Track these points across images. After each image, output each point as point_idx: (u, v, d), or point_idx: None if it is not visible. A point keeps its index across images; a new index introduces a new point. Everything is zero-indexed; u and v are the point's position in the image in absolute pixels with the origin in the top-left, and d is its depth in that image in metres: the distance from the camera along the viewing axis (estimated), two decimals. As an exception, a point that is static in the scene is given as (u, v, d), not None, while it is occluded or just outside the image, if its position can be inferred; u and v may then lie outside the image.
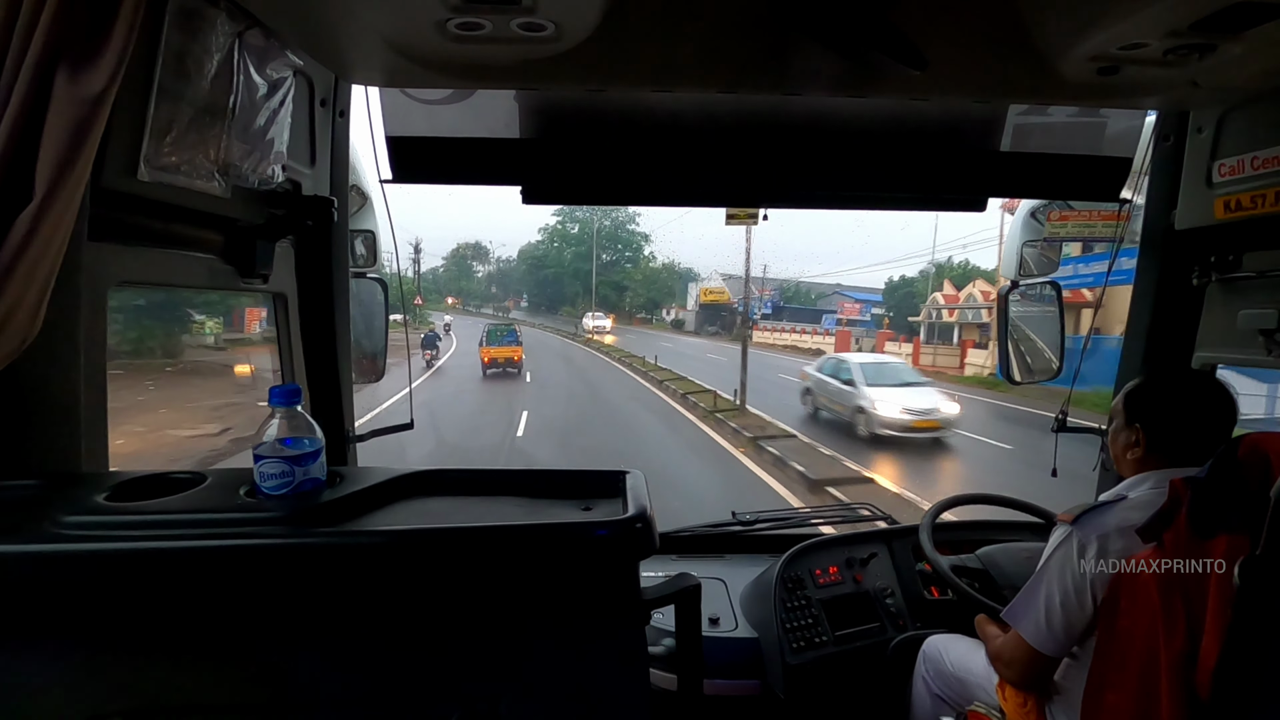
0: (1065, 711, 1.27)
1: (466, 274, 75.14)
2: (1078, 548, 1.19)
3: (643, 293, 55.72)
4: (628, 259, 60.21)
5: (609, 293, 56.62)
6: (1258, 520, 0.94)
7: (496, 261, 75.10)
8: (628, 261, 59.91)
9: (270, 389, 0.77)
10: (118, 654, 0.71)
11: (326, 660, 0.75)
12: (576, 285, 58.87)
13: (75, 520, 0.71)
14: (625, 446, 10.65)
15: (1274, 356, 1.42)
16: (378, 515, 0.80)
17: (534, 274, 64.73)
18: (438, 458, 8.84)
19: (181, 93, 0.99)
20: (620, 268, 59.19)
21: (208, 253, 1.24)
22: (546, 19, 1.07)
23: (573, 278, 59.71)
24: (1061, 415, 1.83)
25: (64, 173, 0.73)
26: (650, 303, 56.09)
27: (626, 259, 60.29)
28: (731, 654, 1.71)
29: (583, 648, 0.78)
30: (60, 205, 0.74)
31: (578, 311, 54.27)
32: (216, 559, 0.71)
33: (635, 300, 57.42)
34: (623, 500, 0.83)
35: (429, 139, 1.61)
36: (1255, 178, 1.40)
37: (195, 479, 0.83)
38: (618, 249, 60.47)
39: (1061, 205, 1.98)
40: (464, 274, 74.80)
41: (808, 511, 2.56)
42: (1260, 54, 1.14)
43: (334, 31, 1.22)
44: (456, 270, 74.44)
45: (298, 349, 1.53)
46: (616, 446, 10.66)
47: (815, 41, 1.11)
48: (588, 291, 55.16)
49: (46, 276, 0.76)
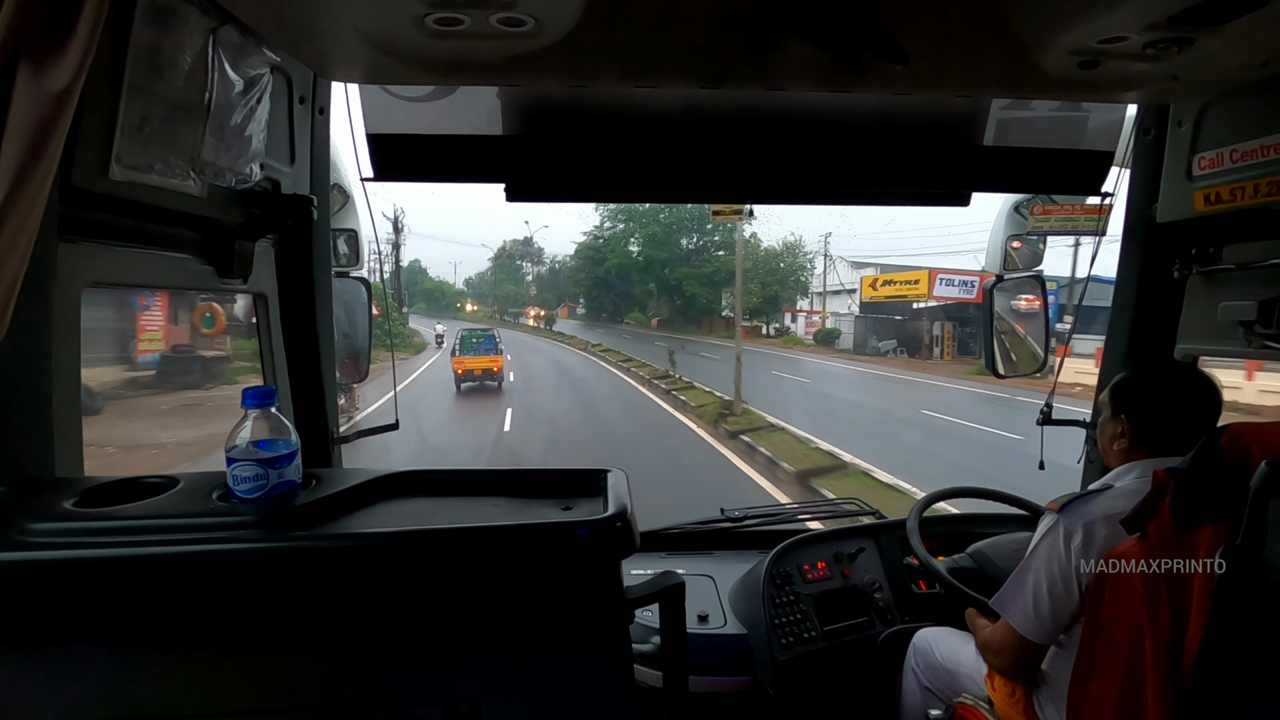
0: (1052, 700, 1.28)
1: (514, 276, 61.89)
2: (1064, 536, 1.21)
3: (755, 290, 33.93)
4: (718, 243, 40.92)
5: (698, 290, 38.82)
6: (1239, 510, 0.95)
7: (551, 262, 58.94)
8: (719, 248, 40.77)
9: (244, 390, 0.76)
10: (84, 664, 0.70)
11: (306, 665, 0.74)
12: (648, 282, 42.51)
13: (41, 527, 0.70)
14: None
15: (1254, 348, 1.43)
16: (355, 518, 0.79)
17: (591, 272, 47.11)
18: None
19: (153, 90, 0.98)
20: (709, 256, 40.83)
21: (185, 253, 1.22)
22: (526, 14, 1.06)
23: (643, 272, 42.53)
24: (1047, 408, 1.84)
25: (28, 172, 0.71)
26: (766, 303, 36.45)
27: (717, 244, 41.10)
28: (721, 651, 1.71)
29: (565, 647, 0.77)
30: (25, 205, 0.72)
31: (650, 319, 43.07)
32: (187, 565, 0.70)
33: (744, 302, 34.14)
34: (603, 499, 0.83)
35: (410, 136, 1.59)
36: (1234, 170, 1.41)
37: (167, 483, 0.81)
38: (705, 230, 40.68)
39: (1045, 199, 1.99)
40: (510, 276, 61.93)
41: (795, 507, 2.56)
42: (1238, 47, 1.15)
43: (311, 28, 1.20)
44: (502, 273, 61.98)
45: (279, 350, 1.51)
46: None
47: (797, 36, 1.11)
48: (667, 291, 40.65)
49: (12, 278, 0.74)
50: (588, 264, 46.84)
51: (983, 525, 1.93)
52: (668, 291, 40.90)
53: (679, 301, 41.18)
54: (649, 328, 42.63)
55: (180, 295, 10.00)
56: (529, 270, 60.02)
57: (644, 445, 10.72)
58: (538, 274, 59.04)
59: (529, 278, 59.45)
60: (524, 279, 60.44)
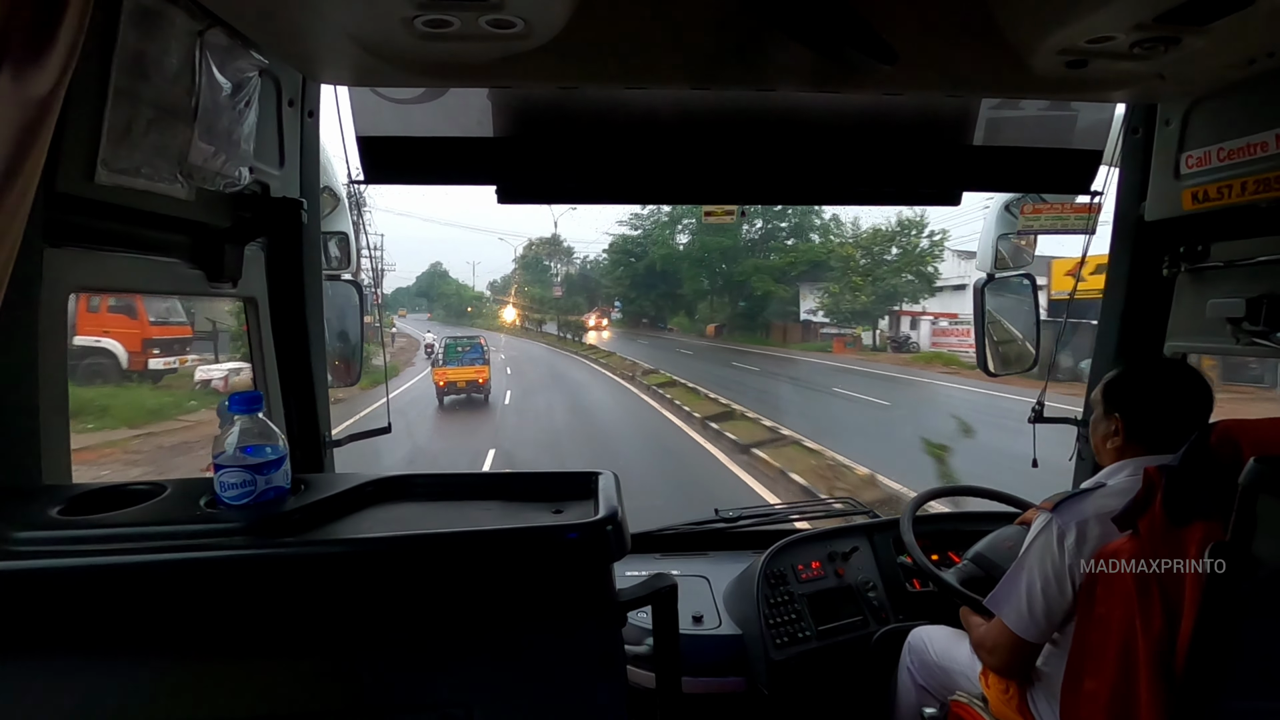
0: (1046, 698, 1.28)
1: (542, 279, 50.97)
2: (1057, 534, 1.21)
3: (861, 286, 26.15)
4: (784, 231, 33.06)
5: (771, 288, 30.28)
6: (1229, 506, 0.96)
7: (582, 263, 49.92)
8: (788, 235, 32.98)
9: (230, 395, 0.76)
10: (71, 674, 0.69)
11: (296, 672, 0.73)
12: (701, 278, 34.65)
13: (26, 536, 0.69)
14: None
15: (1242, 345, 1.44)
16: (344, 523, 0.79)
17: (629, 269, 39.04)
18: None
19: (140, 94, 0.97)
20: (778, 244, 32.68)
21: (173, 257, 1.22)
22: (515, 15, 1.06)
23: (695, 266, 34.49)
24: (1039, 406, 1.85)
25: (11, 177, 0.70)
26: (878, 303, 26.79)
27: (784, 231, 33.13)
28: (715, 651, 1.71)
29: (557, 651, 0.77)
30: (9, 210, 0.71)
31: (699, 323, 35.18)
32: (174, 573, 0.69)
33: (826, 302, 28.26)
34: (594, 502, 0.82)
35: (401, 139, 1.59)
36: (1222, 169, 1.42)
37: (154, 490, 0.81)
38: (772, 210, 31.42)
39: (1034, 198, 2.00)
40: (538, 279, 51.35)
41: (788, 508, 2.56)
42: (1224, 47, 1.16)
43: (299, 30, 1.20)
44: (530, 275, 52.03)
45: (270, 354, 1.50)
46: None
47: (786, 36, 1.11)
48: (728, 289, 32.58)
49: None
50: (624, 259, 39.39)
51: (975, 523, 1.93)
52: (729, 290, 32.61)
53: (743, 303, 32.61)
54: (703, 335, 33.71)
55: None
56: (557, 270, 50.68)
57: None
58: (566, 274, 49.40)
59: (557, 278, 49.07)
60: (551, 281, 49.73)
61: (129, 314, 12.60)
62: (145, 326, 12.91)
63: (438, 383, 15.57)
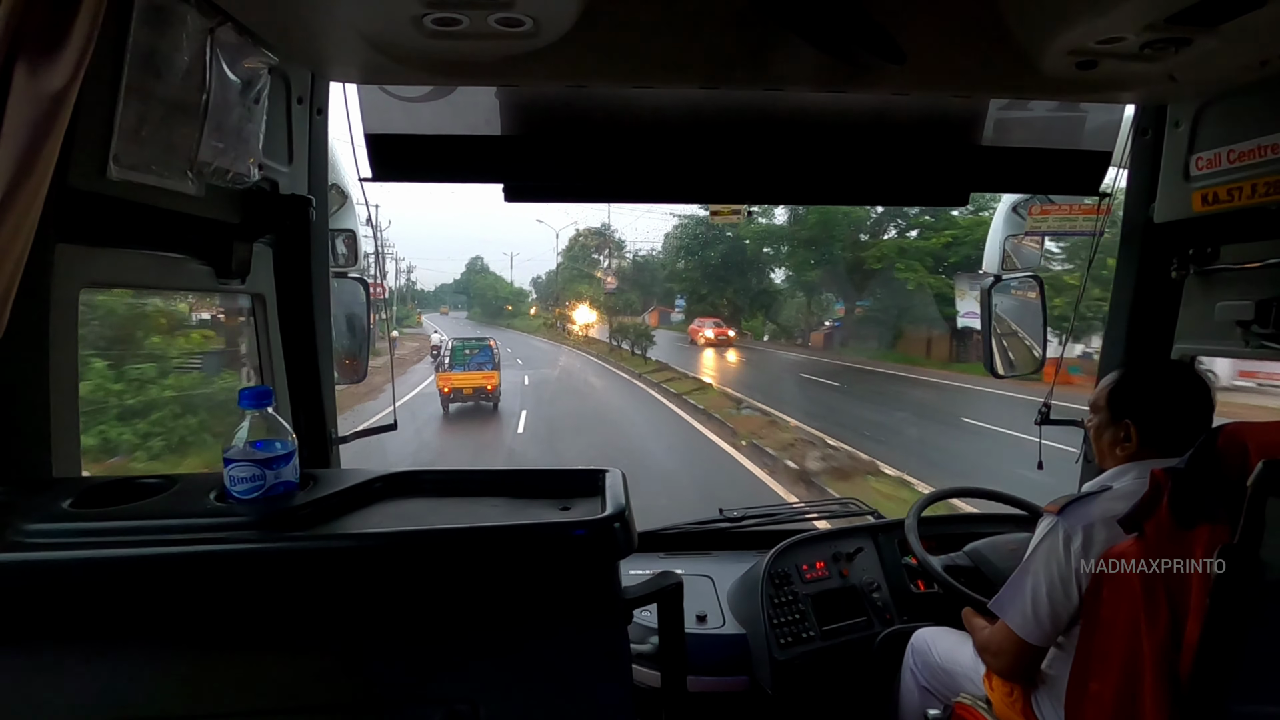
0: (1050, 701, 1.28)
1: (590, 275, 40.52)
2: (1063, 538, 1.20)
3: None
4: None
5: (925, 278, 19.97)
6: (1237, 509, 0.95)
7: (633, 257, 39.55)
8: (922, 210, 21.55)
9: (240, 391, 0.76)
10: (82, 665, 0.70)
11: (304, 666, 0.74)
12: (808, 265, 25.11)
13: (38, 529, 0.70)
14: None
15: (1251, 347, 1.43)
16: (352, 518, 0.79)
17: (700, 256, 30.13)
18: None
19: (151, 90, 0.97)
20: (917, 219, 22.08)
21: (183, 253, 1.22)
22: (524, 14, 1.06)
23: (803, 250, 24.95)
24: (1045, 408, 1.84)
25: (25, 172, 0.71)
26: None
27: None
28: (719, 651, 1.71)
29: (563, 648, 0.77)
30: (22, 206, 0.72)
31: (783, 328, 28.15)
32: (184, 566, 0.70)
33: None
34: (601, 499, 0.83)
35: (409, 136, 1.59)
36: (1232, 170, 1.41)
37: (165, 484, 0.81)
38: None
39: (1043, 199, 1.99)
40: (583, 275, 41.00)
41: (794, 508, 2.56)
42: (1235, 48, 1.15)
43: (309, 28, 1.20)
44: (575, 270, 41.29)
45: (277, 350, 1.51)
46: None
47: (795, 36, 1.11)
48: (852, 279, 22.60)
49: (9, 279, 0.74)
50: (695, 245, 29.96)
51: (981, 525, 1.93)
52: (852, 280, 22.77)
53: (867, 300, 22.98)
54: (794, 345, 25.92)
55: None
56: (605, 263, 39.62)
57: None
58: (618, 266, 38.63)
59: (607, 267, 38.37)
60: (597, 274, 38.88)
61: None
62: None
63: (442, 389, 14.02)
